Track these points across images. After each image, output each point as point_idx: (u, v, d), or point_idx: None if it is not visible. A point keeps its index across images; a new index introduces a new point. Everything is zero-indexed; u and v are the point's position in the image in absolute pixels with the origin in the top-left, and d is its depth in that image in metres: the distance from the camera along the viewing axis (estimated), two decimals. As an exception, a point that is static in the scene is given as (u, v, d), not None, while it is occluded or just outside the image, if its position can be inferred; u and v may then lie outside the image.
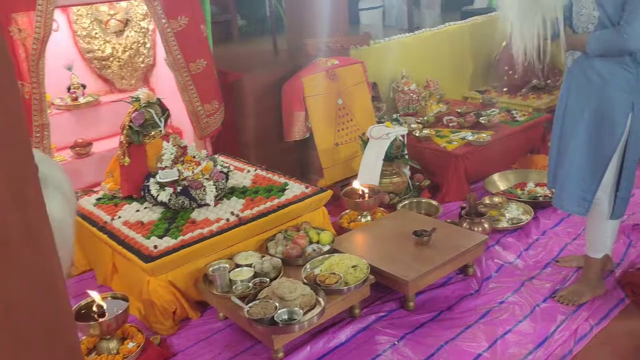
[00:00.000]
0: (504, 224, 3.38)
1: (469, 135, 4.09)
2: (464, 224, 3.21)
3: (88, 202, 3.21)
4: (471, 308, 2.68)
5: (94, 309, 2.41)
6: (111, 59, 4.16)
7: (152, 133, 3.17)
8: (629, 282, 2.65)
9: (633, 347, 2.33)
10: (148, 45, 4.07)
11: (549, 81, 5.14)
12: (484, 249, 2.98)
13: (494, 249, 3.14)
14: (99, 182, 3.52)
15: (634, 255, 2.96)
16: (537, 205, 3.54)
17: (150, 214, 3.01)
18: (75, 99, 3.86)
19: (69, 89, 3.87)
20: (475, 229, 3.15)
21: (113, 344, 2.42)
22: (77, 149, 3.64)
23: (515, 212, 3.48)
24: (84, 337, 2.45)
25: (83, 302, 2.45)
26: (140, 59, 4.13)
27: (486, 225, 3.19)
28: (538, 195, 3.67)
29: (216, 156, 3.32)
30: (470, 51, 5.60)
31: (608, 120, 2.37)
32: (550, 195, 3.65)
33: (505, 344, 2.42)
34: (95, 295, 2.43)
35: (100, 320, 2.33)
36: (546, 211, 3.50)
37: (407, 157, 3.83)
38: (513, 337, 2.45)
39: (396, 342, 2.48)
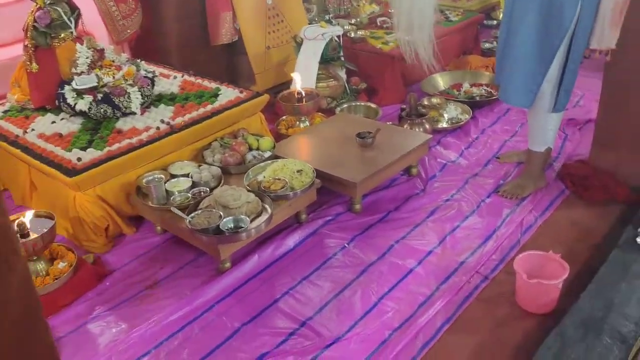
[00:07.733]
0: (443, 124, 3.35)
1: (404, 36, 3.94)
2: (405, 125, 3.13)
3: (-7, 116, 2.84)
4: (418, 207, 2.65)
5: (16, 228, 2.18)
6: (2, -49, 3.59)
7: (62, 35, 2.80)
8: (569, 174, 2.70)
9: (575, 235, 2.40)
10: None
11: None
12: (427, 149, 2.94)
13: (436, 149, 3.11)
14: (3, 94, 3.12)
15: (570, 148, 3.02)
16: (475, 104, 3.51)
17: (68, 125, 2.71)
18: (-36, -2, 3.33)
19: (-47, -14, 3.33)
20: (417, 129, 3.09)
21: (41, 265, 2.21)
22: (-29, 57, 3.18)
23: (454, 112, 3.44)
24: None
25: (1, 223, 2.19)
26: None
27: (427, 126, 3.14)
28: (474, 95, 3.65)
29: (139, 60, 3.00)
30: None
31: (557, 9, 2.30)
32: (486, 95, 3.66)
33: (454, 240, 2.42)
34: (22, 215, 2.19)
35: (24, 240, 2.10)
36: (483, 110, 3.50)
37: (343, 59, 3.66)
38: (462, 233, 2.46)
39: (346, 245, 2.43)
